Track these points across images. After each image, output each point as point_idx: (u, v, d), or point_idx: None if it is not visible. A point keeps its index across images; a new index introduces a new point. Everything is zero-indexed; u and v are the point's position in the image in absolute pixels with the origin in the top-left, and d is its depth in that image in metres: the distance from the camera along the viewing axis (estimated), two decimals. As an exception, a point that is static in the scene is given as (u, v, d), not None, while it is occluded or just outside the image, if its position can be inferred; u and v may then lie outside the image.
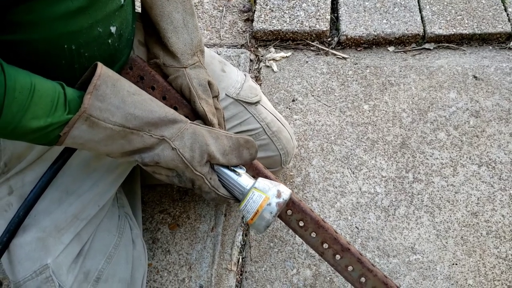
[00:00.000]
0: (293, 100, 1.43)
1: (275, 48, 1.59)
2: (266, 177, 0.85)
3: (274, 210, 0.76)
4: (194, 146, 0.75)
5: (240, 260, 1.11)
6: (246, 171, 0.82)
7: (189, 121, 0.77)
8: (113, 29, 0.76)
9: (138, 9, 0.94)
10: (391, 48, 1.55)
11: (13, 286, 0.80)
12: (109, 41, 0.76)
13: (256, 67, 1.55)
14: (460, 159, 1.25)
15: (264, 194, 0.77)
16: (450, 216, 1.15)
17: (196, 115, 0.85)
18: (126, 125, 0.70)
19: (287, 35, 1.59)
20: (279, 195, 0.77)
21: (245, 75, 1.06)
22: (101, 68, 0.70)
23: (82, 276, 0.83)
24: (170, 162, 0.74)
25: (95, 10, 0.70)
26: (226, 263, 1.09)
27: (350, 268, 0.86)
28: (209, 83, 0.86)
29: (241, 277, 1.09)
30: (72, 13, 0.67)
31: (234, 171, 0.79)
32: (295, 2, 1.64)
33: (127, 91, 0.71)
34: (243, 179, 0.79)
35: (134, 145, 0.72)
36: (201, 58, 0.88)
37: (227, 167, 0.80)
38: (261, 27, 1.59)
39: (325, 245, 0.85)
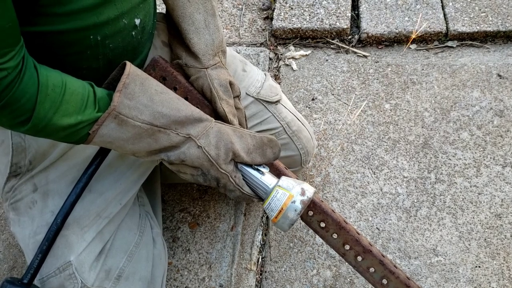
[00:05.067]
0: (313, 99, 1.42)
1: (294, 46, 1.58)
2: (287, 176, 0.85)
3: (298, 208, 0.76)
4: (219, 144, 0.75)
5: (260, 260, 1.11)
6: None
7: (214, 120, 0.77)
8: (137, 21, 0.77)
9: (162, 10, 0.94)
10: (413, 46, 1.53)
11: (37, 283, 0.81)
12: (133, 33, 0.77)
13: (275, 65, 1.54)
14: (484, 160, 1.23)
15: (288, 192, 0.76)
16: (473, 217, 1.13)
17: (217, 116, 0.85)
18: (154, 123, 0.71)
19: (306, 33, 1.58)
20: (303, 193, 0.77)
21: (265, 74, 1.05)
22: (130, 67, 0.70)
23: (103, 274, 0.84)
24: (195, 160, 0.75)
25: (121, 2, 0.71)
26: (246, 263, 1.09)
27: (372, 269, 0.85)
28: (230, 83, 0.86)
29: (260, 277, 1.09)
30: (100, 4, 0.68)
31: (258, 170, 0.80)
32: (315, 0, 1.63)
33: (155, 89, 0.72)
34: (266, 177, 0.79)
35: (160, 144, 0.73)
36: (223, 59, 0.88)
37: (251, 166, 0.80)
38: (280, 25, 1.58)
39: (347, 247, 0.85)
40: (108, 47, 0.74)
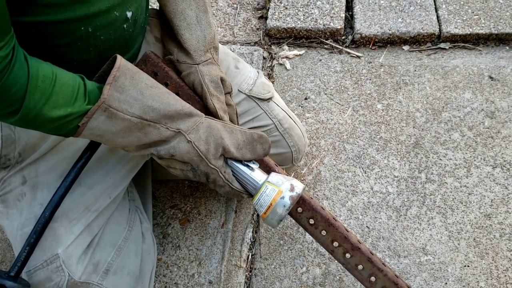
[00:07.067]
0: (306, 98, 1.42)
1: (288, 46, 1.59)
2: (277, 173, 0.85)
3: (287, 203, 0.76)
4: (209, 139, 0.75)
5: (250, 257, 1.11)
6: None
7: (204, 115, 0.78)
8: (129, 14, 0.77)
9: (155, 6, 0.94)
10: (406, 47, 1.54)
11: (24, 275, 0.81)
12: (125, 26, 0.77)
13: (269, 64, 1.54)
14: (474, 160, 1.23)
15: (278, 188, 0.76)
16: (463, 217, 1.14)
17: (208, 112, 0.85)
18: (143, 117, 0.71)
19: (300, 33, 1.59)
20: (292, 188, 0.77)
21: (258, 72, 1.06)
22: (120, 60, 0.71)
23: (91, 267, 0.84)
24: (185, 154, 0.75)
25: None
26: (235, 260, 1.09)
27: (360, 267, 0.85)
28: (222, 80, 0.86)
29: (250, 274, 1.09)
30: None
31: (248, 166, 0.80)
32: (310, 0, 1.63)
33: (145, 83, 0.72)
34: (256, 173, 0.79)
35: (150, 138, 0.73)
36: (214, 55, 0.88)
37: (241, 162, 0.80)
38: (274, 25, 1.59)
39: (335, 244, 0.85)
40: (99, 39, 0.74)
